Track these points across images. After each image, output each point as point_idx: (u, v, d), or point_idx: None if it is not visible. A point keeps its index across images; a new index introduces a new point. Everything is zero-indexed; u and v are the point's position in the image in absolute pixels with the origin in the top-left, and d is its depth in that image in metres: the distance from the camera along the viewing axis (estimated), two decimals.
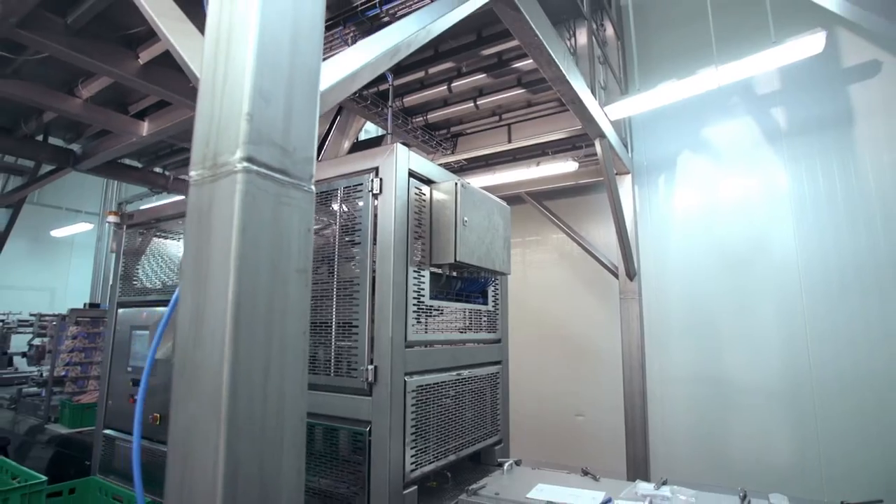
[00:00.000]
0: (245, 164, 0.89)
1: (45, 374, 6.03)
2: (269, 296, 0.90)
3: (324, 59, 1.14)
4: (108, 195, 8.85)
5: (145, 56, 3.04)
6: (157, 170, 5.32)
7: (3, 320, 7.36)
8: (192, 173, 0.97)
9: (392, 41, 1.44)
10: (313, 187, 1.00)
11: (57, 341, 5.76)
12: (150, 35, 2.99)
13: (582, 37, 4.15)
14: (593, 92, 3.71)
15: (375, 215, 2.53)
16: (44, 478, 2.34)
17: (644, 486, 2.55)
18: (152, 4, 1.24)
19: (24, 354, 6.31)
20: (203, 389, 0.84)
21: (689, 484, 2.52)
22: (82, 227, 9.41)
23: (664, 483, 2.62)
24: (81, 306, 7.46)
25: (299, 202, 0.98)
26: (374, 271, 2.49)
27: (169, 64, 3.24)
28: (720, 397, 4.68)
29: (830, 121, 4.71)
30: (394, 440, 2.37)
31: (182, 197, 5.01)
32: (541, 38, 2.58)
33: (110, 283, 7.61)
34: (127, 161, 5.05)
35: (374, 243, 2.51)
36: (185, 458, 0.85)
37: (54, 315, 6.06)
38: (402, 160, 2.56)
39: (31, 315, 6.43)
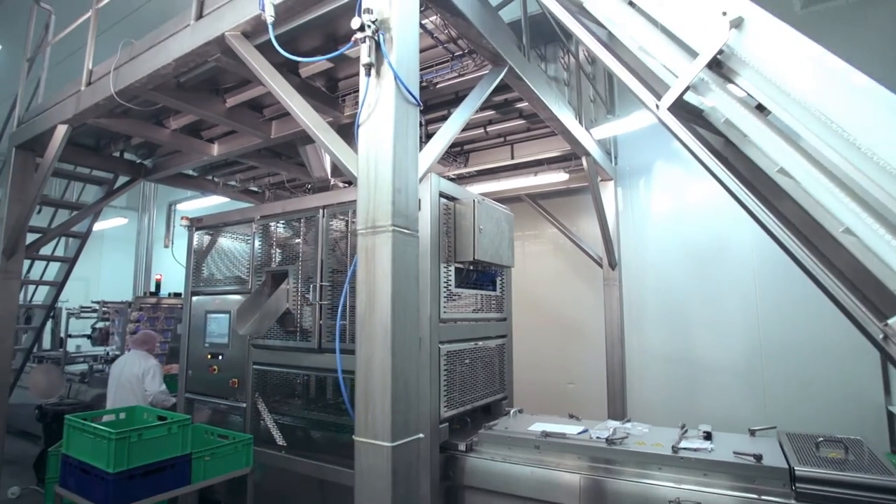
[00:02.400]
0: (392, 227, 1.79)
1: (110, 353, 6.96)
2: (403, 290, 1.82)
3: None
4: (146, 192, 9.70)
5: (231, 102, 3.92)
6: (209, 178, 6.19)
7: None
8: (359, 228, 1.88)
9: (448, 136, 2.35)
10: (419, 234, 1.91)
11: (122, 325, 6.69)
12: (234, 87, 3.87)
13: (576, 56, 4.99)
14: (580, 121, 4.59)
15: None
16: (187, 417, 3.28)
17: (612, 422, 3.53)
18: (313, 122, 2.14)
19: (89, 336, 7.22)
20: (376, 338, 1.77)
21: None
22: (118, 221, 10.27)
23: (627, 421, 3.60)
24: (117, 295, 8.38)
25: (413, 243, 1.89)
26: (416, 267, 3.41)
27: (245, 106, 4.12)
28: (688, 370, 5.61)
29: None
30: (432, 390, 3.31)
31: (250, 205, 5.93)
32: (538, 94, 3.47)
33: (154, 275, 8.50)
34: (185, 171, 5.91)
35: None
36: (367, 373, 1.78)
37: (118, 302, 6.97)
38: (434, 185, 3.45)
39: (94, 302, 7.33)
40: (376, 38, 1.90)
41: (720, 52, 1.54)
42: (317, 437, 4.17)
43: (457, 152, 5.29)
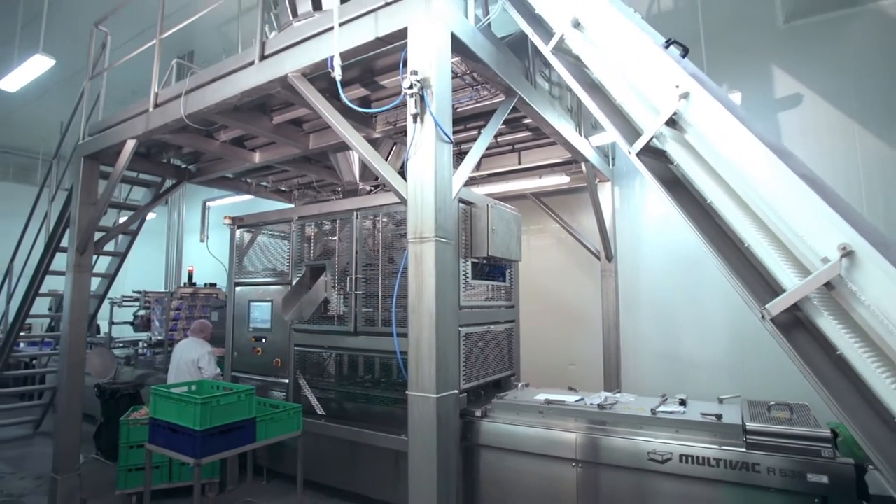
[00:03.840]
0: (435, 238, 2.42)
1: (153, 339, 7.65)
2: (444, 284, 2.46)
3: None
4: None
5: (277, 120, 4.54)
6: (243, 179, 6.83)
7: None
8: (409, 237, 2.52)
9: (474, 160, 3.00)
10: (453, 243, 2.55)
11: (162, 313, 7.36)
12: (279, 108, 4.49)
13: None
14: (580, 129, 5.19)
15: None
16: (252, 387, 3.94)
17: (604, 393, 4.18)
18: (369, 153, 2.76)
19: (131, 323, 7.91)
20: (424, 319, 2.41)
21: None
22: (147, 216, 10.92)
23: (618, 391, 4.26)
24: (145, 285, 9.02)
25: (449, 249, 2.53)
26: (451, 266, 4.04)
27: (289, 123, 4.73)
28: (676, 352, 6.26)
29: None
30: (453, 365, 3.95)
31: (291, 206, 6.59)
32: (543, 115, 4.08)
33: (188, 267, 9.12)
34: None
35: None
36: (418, 345, 2.42)
37: (158, 292, 7.64)
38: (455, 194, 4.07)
39: (135, 292, 8.02)
40: (421, 93, 2.52)
41: (674, 113, 2.15)
42: (351, 407, 4.86)
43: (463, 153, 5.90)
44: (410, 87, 2.49)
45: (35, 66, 6.18)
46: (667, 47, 2.38)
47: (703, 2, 6.47)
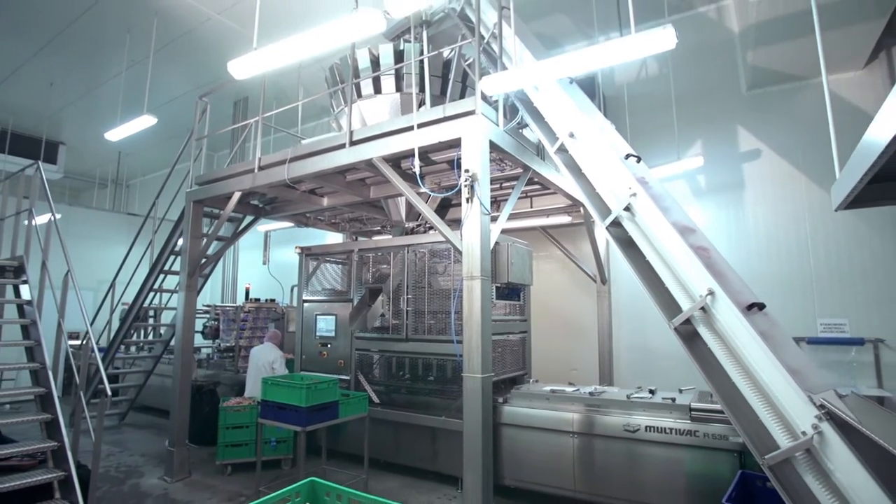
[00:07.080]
0: (480, 277, 3.85)
1: (221, 345, 9.09)
2: (485, 306, 3.87)
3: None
4: None
5: (349, 178, 6.04)
6: (304, 214, 8.32)
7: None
8: (464, 276, 3.95)
9: (504, 218, 4.45)
10: (490, 279, 3.98)
11: (228, 323, 8.81)
12: (351, 170, 5.97)
13: None
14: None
15: None
16: (336, 378, 5.36)
17: (595, 385, 5.56)
18: (429, 214, 4.22)
19: (201, 332, 9.36)
20: (474, 327, 3.83)
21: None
22: None
23: (606, 385, 5.64)
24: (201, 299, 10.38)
25: (488, 283, 3.96)
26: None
27: (357, 180, 6.22)
28: (656, 357, 7.62)
29: (731, 185, 7.59)
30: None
31: (340, 234, 8.10)
32: (551, 180, 5.53)
33: (246, 285, 10.52)
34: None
35: None
36: (469, 344, 3.84)
37: (226, 305, 9.11)
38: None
39: (205, 305, 9.48)
40: (472, 184, 3.97)
41: (628, 203, 3.57)
42: (398, 397, 6.26)
43: (491, 202, 7.36)
44: (466, 181, 3.95)
45: (141, 123, 7.73)
46: (626, 158, 3.82)
47: (679, 71, 7.93)
